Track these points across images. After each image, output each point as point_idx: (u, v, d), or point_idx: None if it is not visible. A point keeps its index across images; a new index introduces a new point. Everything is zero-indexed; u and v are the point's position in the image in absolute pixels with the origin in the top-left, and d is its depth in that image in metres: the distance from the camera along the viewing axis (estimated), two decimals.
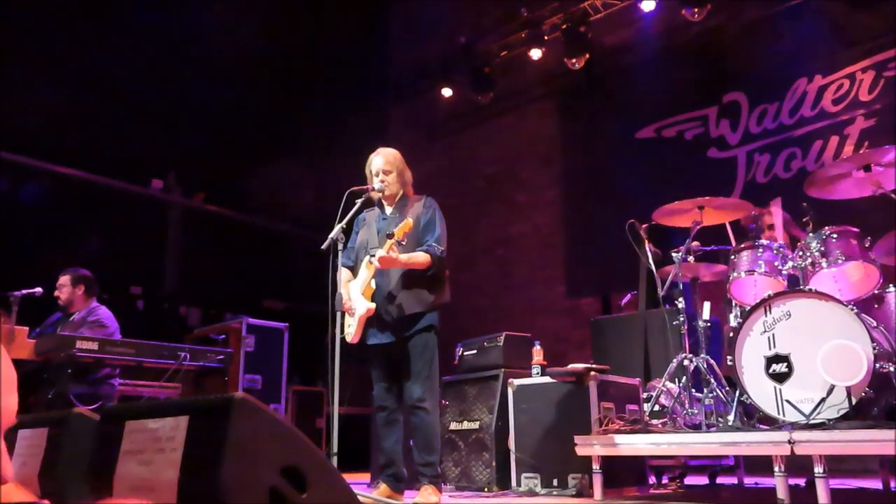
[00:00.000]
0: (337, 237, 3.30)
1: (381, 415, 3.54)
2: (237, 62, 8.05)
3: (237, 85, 8.13)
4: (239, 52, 8.05)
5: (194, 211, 8.30)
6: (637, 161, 7.62)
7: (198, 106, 7.94)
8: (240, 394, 1.67)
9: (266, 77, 8.33)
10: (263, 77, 8.30)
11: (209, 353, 4.66)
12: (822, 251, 3.42)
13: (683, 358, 3.62)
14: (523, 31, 8.08)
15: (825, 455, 2.74)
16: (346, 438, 3.47)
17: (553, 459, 3.73)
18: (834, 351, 2.96)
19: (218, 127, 8.10)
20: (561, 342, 7.38)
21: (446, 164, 9.31)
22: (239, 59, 8.07)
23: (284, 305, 8.23)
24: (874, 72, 6.31)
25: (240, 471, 1.58)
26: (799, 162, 6.61)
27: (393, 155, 3.69)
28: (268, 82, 8.37)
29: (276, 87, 8.51)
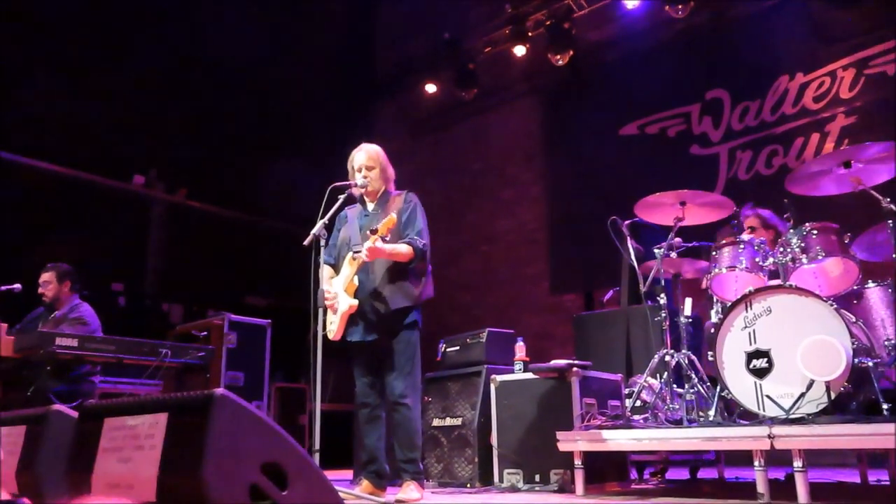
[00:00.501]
0: (319, 233, 3.29)
1: (363, 411, 3.53)
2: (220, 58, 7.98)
3: (220, 80, 8.07)
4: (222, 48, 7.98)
5: (177, 207, 8.23)
6: (620, 158, 7.65)
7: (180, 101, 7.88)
8: (220, 390, 1.65)
9: (250, 72, 8.26)
10: (247, 72, 8.24)
11: (191, 349, 4.62)
12: (802, 247, 3.45)
13: (665, 353, 3.64)
14: (507, 28, 8.09)
15: (804, 449, 2.77)
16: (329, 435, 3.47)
17: (535, 455, 3.75)
18: (813, 346, 2.99)
19: (200, 122, 8.04)
20: (544, 338, 7.40)
21: (431, 161, 9.30)
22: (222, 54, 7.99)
23: (267, 302, 8.19)
24: (855, 69, 6.38)
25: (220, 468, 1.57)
26: (780, 159, 6.67)
27: (375, 151, 3.68)
28: (251, 77, 8.30)
29: (260, 83, 8.45)
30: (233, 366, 5.02)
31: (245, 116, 8.36)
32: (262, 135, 8.50)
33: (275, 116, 8.60)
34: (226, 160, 8.28)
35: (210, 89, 8.04)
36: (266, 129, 8.53)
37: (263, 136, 8.50)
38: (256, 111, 8.46)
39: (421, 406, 3.99)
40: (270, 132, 8.55)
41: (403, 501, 3.25)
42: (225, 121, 8.19)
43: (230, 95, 8.19)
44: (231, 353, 5.01)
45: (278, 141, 8.57)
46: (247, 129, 8.39)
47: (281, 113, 8.65)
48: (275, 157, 8.42)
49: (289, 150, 8.53)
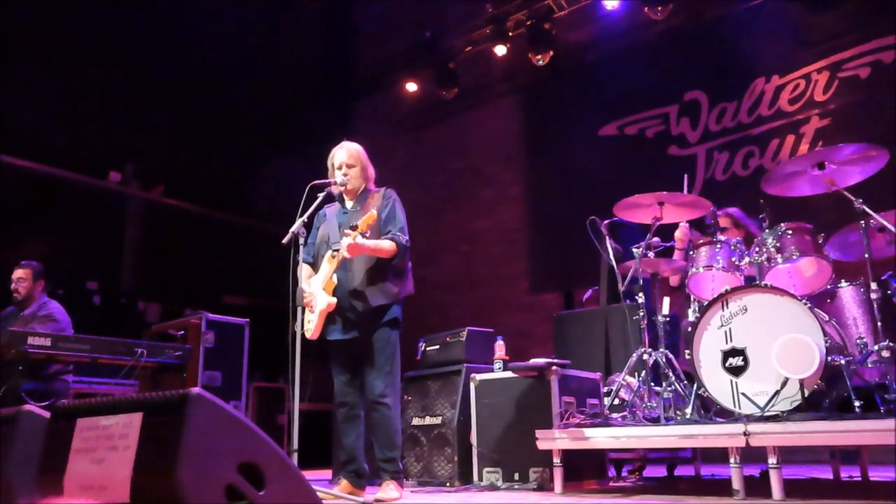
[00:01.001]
0: (298, 231, 3.27)
1: (341, 411, 3.51)
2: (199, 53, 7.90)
3: (198, 77, 7.99)
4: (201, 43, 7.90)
5: (153, 204, 8.13)
6: (600, 158, 7.70)
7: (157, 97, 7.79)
8: (196, 389, 1.64)
9: (229, 69, 8.19)
10: (226, 69, 8.16)
11: (167, 349, 4.57)
12: (777, 247, 3.49)
13: (643, 352, 3.67)
14: (488, 27, 8.11)
15: (778, 446, 2.81)
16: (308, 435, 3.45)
17: (515, 453, 3.76)
18: (788, 344, 3.03)
19: (178, 119, 7.95)
20: (524, 337, 7.43)
21: (411, 160, 9.29)
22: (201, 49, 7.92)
23: (246, 301, 8.12)
24: (829, 72, 6.48)
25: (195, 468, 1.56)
26: (757, 160, 6.76)
27: (356, 149, 3.67)
28: (230, 74, 8.23)
29: (239, 80, 8.38)
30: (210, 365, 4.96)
31: (224, 113, 8.28)
32: (241, 132, 8.43)
33: (254, 114, 8.52)
34: (203, 157, 8.19)
35: (188, 85, 7.95)
36: (245, 127, 8.46)
37: (242, 134, 8.43)
38: (235, 108, 8.38)
39: (401, 405, 3.99)
40: (249, 129, 8.48)
41: (382, 501, 3.24)
42: (203, 118, 8.11)
43: (208, 92, 8.11)
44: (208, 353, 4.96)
45: (257, 138, 8.50)
46: (225, 127, 8.31)
47: (260, 110, 8.58)
48: (253, 155, 8.36)
49: (268, 147, 8.47)
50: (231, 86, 8.31)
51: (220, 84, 8.21)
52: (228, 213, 8.58)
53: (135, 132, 7.72)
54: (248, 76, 8.45)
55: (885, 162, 3.31)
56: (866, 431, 2.72)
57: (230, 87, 8.30)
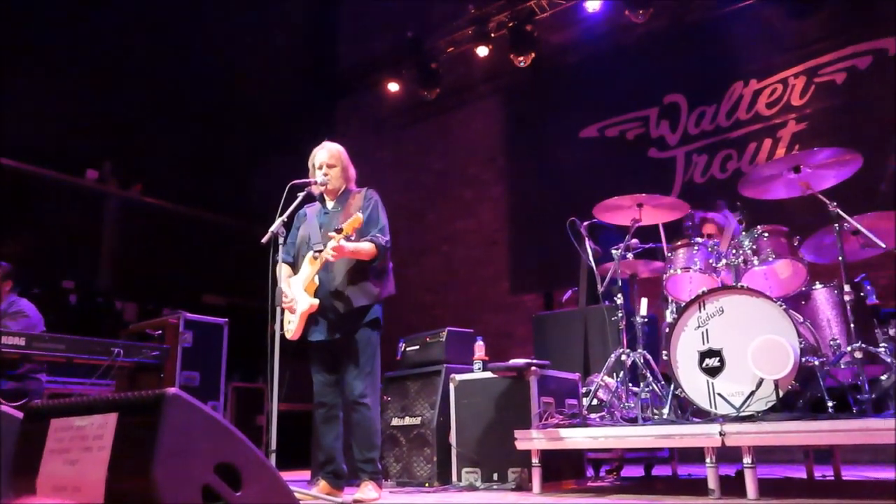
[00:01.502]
0: (278, 231, 3.25)
1: (320, 411, 3.50)
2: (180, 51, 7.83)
3: (178, 75, 7.91)
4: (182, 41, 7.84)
5: (132, 203, 8.04)
6: (580, 159, 7.75)
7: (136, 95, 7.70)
8: (172, 389, 1.62)
9: (209, 67, 8.12)
10: (207, 67, 8.10)
11: (144, 349, 4.53)
12: (753, 249, 3.54)
13: (621, 353, 3.70)
14: (470, 28, 8.12)
15: (753, 446, 2.85)
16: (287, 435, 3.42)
17: (494, 454, 3.77)
18: (763, 345, 3.07)
19: (156, 117, 7.87)
20: (504, 338, 7.45)
21: (393, 160, 9.28)
22: (182, 47, 7.85)
23: (225, 301, 8.06)
24: (805, 77, 6.57)
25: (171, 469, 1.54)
26: (735, 163, 6.84)
27: (337, 149, 3.66)
28: (211, 73, 8.16)
29: (219, 79, 8.31)
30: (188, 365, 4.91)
31: (203, 112, 8.21)
32: (221, 131, 8.36)
33: (234, 113, 8.46)
34: (183, 156, 8.11)
35: (167, 83, 7.88)
36: (225, 126, 8.39)
37: (222, 132, 8.36)
38: (215, 107, 8.32)
39: (380, 406, 3.98)
40: (229, 129, 8.42)
41: (361, 501, 3.24)
42: (182, 116, 8.04)
43: (189, 91, 8.04)
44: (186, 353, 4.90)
45: (237, 137, 8.44)
46: (205, 125, 8.24)
47: (241, 110, 8.51)
48: (233, 154, 8.30)
49: (248, 147, 8.42)
50: (212, 85, 8.25)
51: (201, 83, 8.14)
52: (208, 212, 8.51)
53: (113, 130, 7.64)
54: (230, 75, 8.38)
55: (858, 166, 3.37)
56: (839, 431, 2.77)
57: (211, 85, 8.24)
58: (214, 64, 8.16)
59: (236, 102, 8.46)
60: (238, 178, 8.30)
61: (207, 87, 8.22)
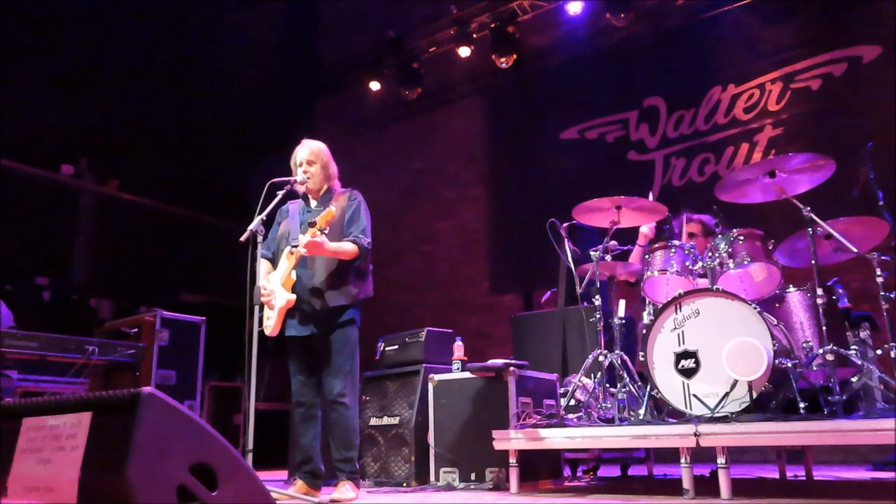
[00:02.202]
0: (257, 229, 3.23)
1: (298, 410, 3.48)
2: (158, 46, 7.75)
3: (156, 70, 7.83)
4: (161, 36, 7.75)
5: (108, 199, 7.94)
6: (560, 161, 7.79)
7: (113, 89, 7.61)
8: (147, 389, 1.61)
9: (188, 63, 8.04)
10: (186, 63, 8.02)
11: (120, 347, 4.49)
12: (729, 252, 3.59)
13: (599, 354, 3.73)
14: (452, 29, 8.13)
15: (727, 446, 2.89)
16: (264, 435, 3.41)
17: (471, 453, 3.78)
18: (738, 347, 3.11)
19: (134, 112, 7.78)
20: (483, 338, 7.47)
21: (373, 159, 9.26)
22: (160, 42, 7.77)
23: (202, 299, 7.99)
24: (782, 83, 6.67)
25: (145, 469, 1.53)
26: (712, 167, 6.91)
27: (318, 147, 3.65)
28: (190, 68, 8.08)
29: (199, 75, 8.23)
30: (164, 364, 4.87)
31: (182, 108, 8.13)
32: (200, 127, 8.28)
33: (213, 109, 8.38)
34: (160, 152, 8.02)
35: (146, 78, 7.79)
36: (204, 122, 8.31)
37: (201, 129, 8.28)
38: (194, 103, 8.23)
39: (359, 405, 3.98)
40: (208, 125, 8.34)
41: (338, 501, 3.23)
42: (161, 112, 7.95)
43: (167, 86, 7.95)
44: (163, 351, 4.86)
45: (216, 134, 8.36)
46: (183, 121, 8.16)
47: (220, 106, 8.43)
48: (212, 151, 8.23)
49: (227, 144, 8.35)
50: (191, 80, 8.17)
51: (180, 79, 8.06)
52: (185, 209, 8.42)
53: (89, 125, 7.54)
54: (210, 71, 8.30)
55: (832, 172, 3.42)
56: (811, 432, 2.81)
57: (190, 81, 8.16)
58: (194, 61, 8.08)
59: (216, 99, 8.38)
60: (217, 176, 8.22)
61: (187, 84, 8.13)
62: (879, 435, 2.69)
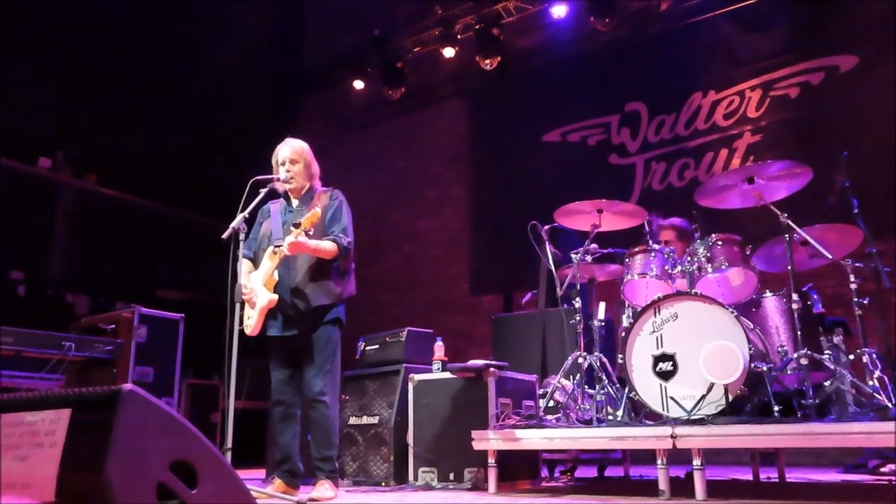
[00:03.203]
0: (239, 227, 3.22)
1: (277, 409, 3.48)
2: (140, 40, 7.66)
3: (138, 61, 7.74)
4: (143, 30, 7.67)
5: (86, 193, 7.84)
6: (542, 163, 7.84)
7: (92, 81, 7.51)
8: (128, 385, 1.60)
9: (170, 58, 7.96)
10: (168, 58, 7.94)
11: (97, 343, 4.44)
12: (707, 257, 3.64)
13: (578, 356, 3.76)
14: (437, 29, 8.13)
15: (703, 448, 2.93)
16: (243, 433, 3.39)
17: (450, 454, 3.79)
18: (715, 351, 3.16)
19: (114, 106, 7.68)
20: (464, 338, 7.49)
21: (356, 157, 9.24)
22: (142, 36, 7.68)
23: (182, 296, 7.92)
24: (761, 91, 6.77)
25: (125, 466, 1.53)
26: (692, 172, 7.00)
27: (300, 146, 3.64)
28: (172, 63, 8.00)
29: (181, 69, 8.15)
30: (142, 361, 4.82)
31: (163, 103, 8.04)
32: (181, 123, 8.20)
33: (196, 105, 8.31)
34: (141, 147, 7.93)
35: (126, 71, 7.70)
36: (185, 118, 8.23)
37: (182, 125, 8.19)
38: (176, 98, 8.16)
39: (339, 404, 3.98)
40: (190, 121, 8.26)
41: (317, 500, 3.23)
42: (141, 105, 7.86)
43: (149, 81, 7.86)
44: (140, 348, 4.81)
45: (198, 130, 8.29)
46: (164, 116, 8.07)
47: (202, 102, 8.36)
48: (194, 146, 8.15)
49: (209, 139, 8.28)
50: (173, 76, 8.08)
51: (162, 74, 7.98)
52: (166, 205, 8.34)
53: (67, 117, 7.43)
54: (192, 66, 8.22)
55: (809, 179, 3.49)
56: (784, 435, 2.87)
57: (172, 76, 8.07)
58: (177, 56, 8.00)
59: (198, 95, 8.31)
60: (198, 172, 8.15)
61: (169, 79, 8.06)
62: (850, 438, 2.75)
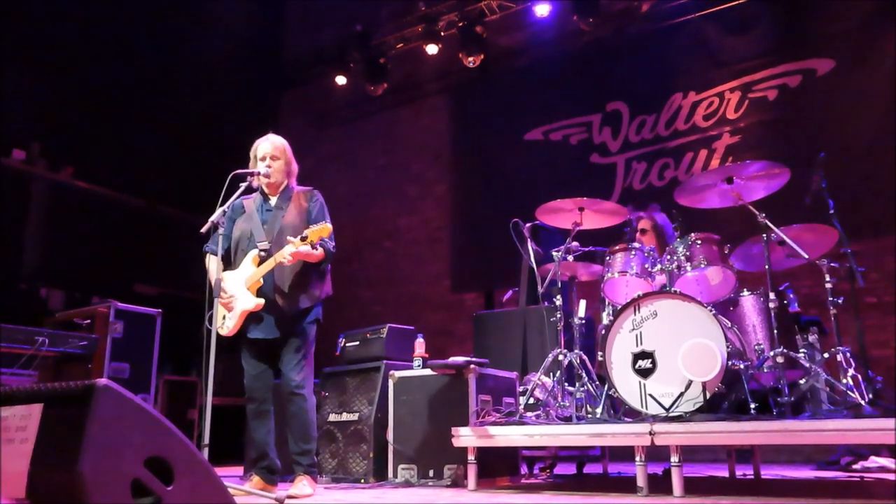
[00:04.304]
0: (217, 221, 3.19)
1: (251, 406, 3.47)
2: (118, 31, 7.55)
3: (115, 55, 7.63)
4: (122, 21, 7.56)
5: (61, 186, 7.71)
6: (524, 162, 7.85)
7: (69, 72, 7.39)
8: (102, 380, 1.58)
9: (149, 49, 7.86)
10: (146, 49, 7.83)
11: (71, 338, 4.37)
12: (687, 255, 3.67)
13: (558, 353, 3.77)
14: (420, 26, 8.11)
15: (681, 445, 2.95)
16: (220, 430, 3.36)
17: (430, 450, 3.79)
18: (693, 349, 3.18)
19: (91, 97, 7.56)
20: (444, 336, 7.49)
21: (336, 153, 9.19)
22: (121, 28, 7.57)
23: (158, 291, 7.82)
24: (740, 92, 6.83)
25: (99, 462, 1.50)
26: (672, 172, 7.05)
27: (281, 142, 3.63)
28: (150, 55, 7.90)
29: (160, 61, 8.05)
30: (118, 356, 4.76)
31: (141, 96, 7.94)
32: (160, 115, 8.10)
33: (174, 98, 8.20)
34: (118, 140, 7.81)
35: (103, 64, 7.58)
36: (164, 110, 8.13)
37: (161, 117, 8.10)
38: (154, 90, 8.05)
39: (317, 400, 3.96)
40: (168, 113, 8.16)
41: (295, 497, 3.20)
42: (119, 98, 7.75)
43: (126, 73, 7.75)
44: (116, 343, 4.75)
45: (177, 123, 8.19)
46: (142, 108, 7.96)
47: (181, 95, 8.26)
48: (172, 140, 8.06)
49: (188, 133, 8.18)
50: (151, 68, 7.98)
51: (140, 65, 7.87)
52: (143, 199, 8.23)
53: (43, 109, 7.30)
54: (171, 58, 8.13)
55: (786, 179, 3.52)
56: (759, 432, 2.90)
57: (150, 68, 7.97)
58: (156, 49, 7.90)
59: (177, 89, 8.21)
60: (175, 166, 8.06)
61: (147, 72, 7.95)
62: (824, 435, 2.79)
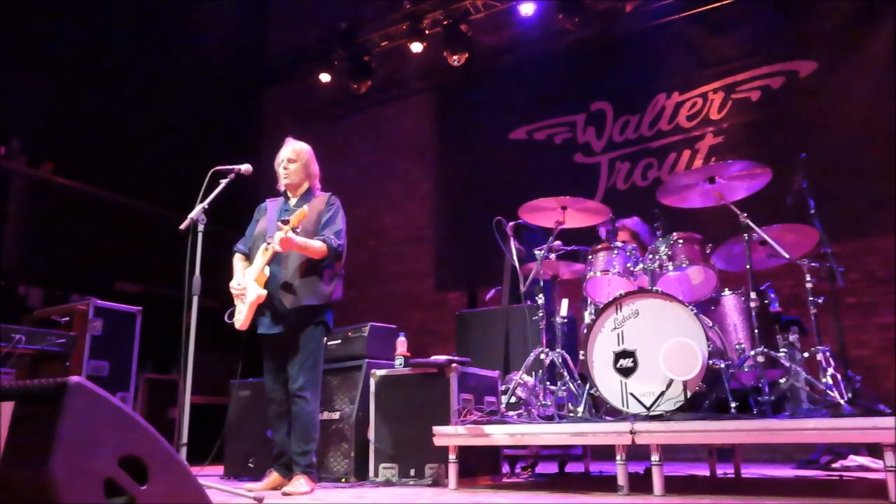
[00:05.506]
0: (197, 217, 3.17)
1: (272, 407, 3.58)
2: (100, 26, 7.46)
3: (96, 51, 7.54)
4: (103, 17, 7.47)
5: (41, 182, 7.60)
6: (508, 161, 7.86)
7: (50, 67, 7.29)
8: (75, 378, 1.55)
9: (131, 44, 7.77)
10: (128, 44, 7.75)
11: (49, 336, 4.31)
12: (669, 255, 3.68)
13: (540, 352, 3.77)
14: (405, 24, 8.09)
15: (662, 444, 2.96)
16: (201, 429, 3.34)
17: (411, 449, 3.77)
18: (674, 348, 3.19)
19: (72, 92, 7.47)
20: (427, 334, 7.47)
21: (320, 152, 9.02)
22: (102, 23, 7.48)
23: (139, 288, 7.75)
24: (724, 93, 6.88)
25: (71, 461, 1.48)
26: (655, 171, 7.08)
27: (301, 146, 3.84)
28: (133, 50, 7.81)
29: (143, 57, 7.96)
30: (97, 355, 4.70)
31: (123, 92, 7.85)
32: (142, 112, 8.01)
33: (157, 95, 8.12)
34: (99, 136, 7.72)
35: (86, 59, 7.49)
36: (146, 107, 8.05)
37: (143, 114, 8.01)
38: (137, 87, 7.97)
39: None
40: (150, 110, 8.08)
41: (290, 494, 3.23)
42: (100, 94, 7.66)
43: (108, 68, 7.66)
44: (96, 341, 4.69)
45: (158, 120, 8.11)
46: (124, 105, 7.88)
47: (163, 92, 8.18)
48: (155, 136, 7.98)
49: (169, 129, 8.10)
50: (134, 63, 7.89)
51: (122, 61, 7.78)
52: (124, 195, 8.13)
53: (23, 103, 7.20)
54: (154, 55, 8.04)
55: (768, 180, 3.54)
56: (740, 431, 2.91)
57: (133, 64, 7.88)
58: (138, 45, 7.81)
59: (159, 85, 8.13)
60: (157, 163, 7.98)
61: (129, 69, 7.86)
62: (804, 434, 2.80)
